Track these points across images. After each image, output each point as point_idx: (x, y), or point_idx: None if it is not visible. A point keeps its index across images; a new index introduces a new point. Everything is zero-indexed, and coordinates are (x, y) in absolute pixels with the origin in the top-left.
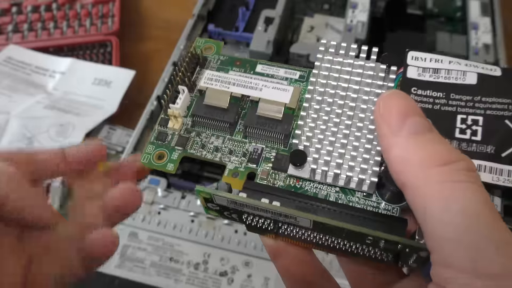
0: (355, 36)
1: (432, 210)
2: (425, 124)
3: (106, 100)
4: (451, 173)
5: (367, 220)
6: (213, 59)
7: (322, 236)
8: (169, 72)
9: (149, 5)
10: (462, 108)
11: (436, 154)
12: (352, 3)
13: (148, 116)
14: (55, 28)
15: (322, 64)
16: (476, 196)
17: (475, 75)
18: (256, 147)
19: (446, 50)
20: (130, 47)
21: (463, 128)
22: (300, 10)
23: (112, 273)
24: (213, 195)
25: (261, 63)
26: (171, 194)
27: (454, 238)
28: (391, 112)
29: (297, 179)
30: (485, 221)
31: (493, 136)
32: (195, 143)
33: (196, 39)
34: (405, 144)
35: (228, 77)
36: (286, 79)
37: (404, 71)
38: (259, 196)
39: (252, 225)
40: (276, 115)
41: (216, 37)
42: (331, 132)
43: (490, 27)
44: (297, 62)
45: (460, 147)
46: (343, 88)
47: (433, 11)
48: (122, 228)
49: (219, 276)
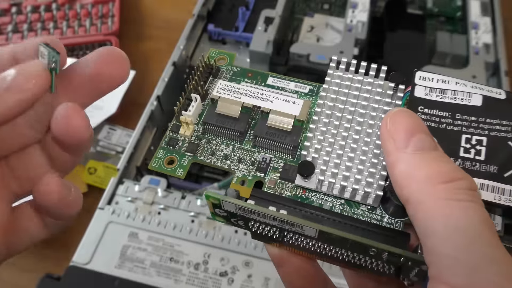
0: (355, 36)
1: (433, 226)
2: (430, 142)
3: (106, 100)
4: (454, 191)
5: (371, 233)
6: (226, 70)
7: (326, 246)
8: (169, 72)
9: (149, 5)
10: (467, 128)
11: (440, 171)
12: (352, 3)
13: (148, 116)
14: (54, 28)
15: (332, 80)
16: (476, 215)
17: (480, 97)
18: (265, 157)
19: (446, 50)
20: (130, 47)
21: (467, 147)
22: (300, 10)
23: (112, 274)
24: (222, 200)
25: (272, 76)
26: (171, 194)
27: (453, 255)
28: (397, 128)
29: (303, 189)
30: (484, 241)
31: (496, 157)
32: (205, 150)
33: (209, 49)
34: (410, 160)
35: (240, 88)
36: (296, 92)
37: (411, 90)
38: (266, 204)
39: (258, 233)
40: (286, 127)
41: (216, 37)
42: (339, 145)
43: (491, 26)
44: (297, 62)
45: (464, 166)
46: (352, 103)
47: (433, 11)
48: (122, 228)
49: (219, 276)
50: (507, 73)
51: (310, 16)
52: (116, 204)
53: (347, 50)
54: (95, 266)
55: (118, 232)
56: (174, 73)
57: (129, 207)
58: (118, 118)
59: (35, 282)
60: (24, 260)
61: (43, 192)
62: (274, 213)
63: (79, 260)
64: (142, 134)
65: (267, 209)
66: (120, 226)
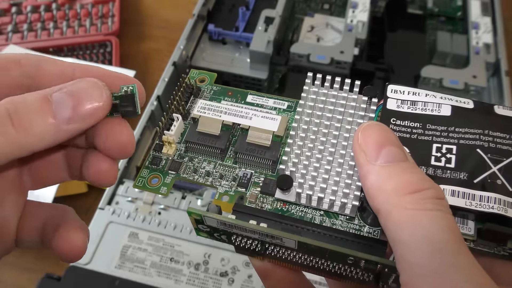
0: (356, 36)
1: (401, 236)
2: (399, 153)
3: None
4: (421, 201)
5: (349, 242)
6: (207, 89)
7: (307, 257)
8: (170, 72)
9: (149, 5)
10: (437, 137)
11: (407, 182)
12: (353, 3)
13: (148, 116)
14: (55, 28)
15: (308, 96)
16: (443, 223)
17: (449, 107)
18: (246, 172)
19: (446, 50)
20: (130, 47)
21: (438, 156)
22: (300, 10)
23: (113, 274)
24: (203, 216)
25: (251, 94)
26: (172, 195)
27: (421, 263)
28: (368, 142)
29: (283, 202)
30: (450, 248)
31: (466, 164)
32: (188, 167)
33: (191, 70)
34: (380, 172)
35: (220, 106)
36: (275, 109)
37: (384, 103)
38: (248, 218)
39: (241, 246)
40: (265, 142)
41: (216, 37)
42: (315, 158)
43: (491, 26)
44: (298, 62)
45: (435, 174)
46: (327, 118)
47: (434, 11)
48: (123, 228)
49: (219, 277)
50: (507, 73)
51: (311, 16)
52: (116, 204)
53: (347, 50)
54: (95, 266)
55: (118, 232)
56: (174, 73)
57: (129, 207)
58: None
59: (35, 282)
60: (24, 260)
61: (67, 249)
62: (254, 226)
63: (79, 260)
64: (142, 134)
65: (247, 223)
66: (120, 226)
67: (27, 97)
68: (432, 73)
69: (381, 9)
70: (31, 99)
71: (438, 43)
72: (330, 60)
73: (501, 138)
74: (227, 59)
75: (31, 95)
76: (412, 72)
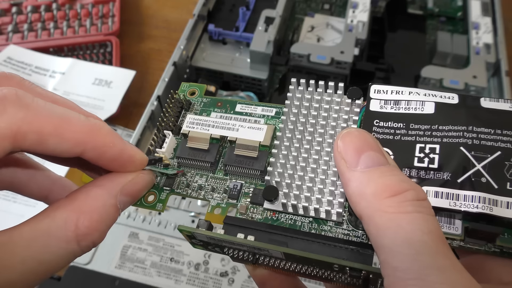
0: (356, 36)
1: (383, 240)
2: (379, 158)
3: (106, 100)
4: (400, 204)
5: (337, 248)
6: (197, 102)
7: (297, 265)
8: (170, 72)
9: (149, 5)
10: (420, 137)
11: (386, 185)
12: (353, 3)
13: (148, 116)
14: (55, 28)
15: (292, 102)
16: (422, 225)
17: (433, 104)
18: (236, 184)
19: (447, 50)
20: (130, 47)
21: (421, 157)
22: (300, 10)
23: (113, 274)
24: (193, 233)
25: (240, 103)
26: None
27: (402, 267)
28: (347, 148)
29: (273, 212)
30: (431, 250)
31: (450, 163)
32: (181, 182)
33: (181, 83)
34: (360, 178)
35: (208, 120)
36: (263, 117)
37: (367, 105)
38: (238, 231)
39: (235, 257)
40: (252, 153)
41: (216, 37)
42: (300, 167)
43: (491, 27)
44: (298, 62)
45: (418, 175)
46: (311, 124)
47: (434, 11)
48: (123, 228)
49: (219, 277)
50: (507, 73)
51: (311, 16)
52: None
53: (348, 50)
54: (96, 266)
55: (119, 232)
56: (175, 73)
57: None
58: (119, 118)
59: None
60: None
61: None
62: (241, 240)
63: (80, 260)
64: (142, 134)
65: (234, 237)
66: (120, 226)
67: None
68: (432, 73)
69: (381, 9)
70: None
71: (438, 43)
72: (330, 60)
73: (485, 134)
74: (227, 59)
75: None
76: (412, 72)
